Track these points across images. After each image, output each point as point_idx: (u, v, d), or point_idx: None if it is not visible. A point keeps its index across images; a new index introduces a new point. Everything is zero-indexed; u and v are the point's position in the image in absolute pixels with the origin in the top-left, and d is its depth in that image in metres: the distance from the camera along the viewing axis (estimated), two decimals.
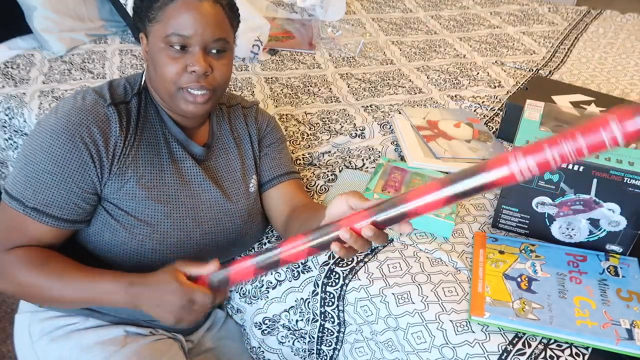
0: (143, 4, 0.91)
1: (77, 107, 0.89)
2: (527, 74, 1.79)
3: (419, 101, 1.60)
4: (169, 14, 0.88)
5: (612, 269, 1.01)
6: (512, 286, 0.96)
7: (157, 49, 0.89)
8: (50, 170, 0.86)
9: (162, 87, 0.91)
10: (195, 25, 0.87)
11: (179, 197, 0.96)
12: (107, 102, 0.91)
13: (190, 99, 0.90)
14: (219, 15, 0.90)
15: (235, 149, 1.06)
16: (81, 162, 0.87)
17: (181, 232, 0.95)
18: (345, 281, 1.01)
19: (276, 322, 1.11)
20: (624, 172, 0.97)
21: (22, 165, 0.88)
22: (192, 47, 0.89)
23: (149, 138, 0.95)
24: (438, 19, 2.21)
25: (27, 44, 1.73)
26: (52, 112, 0.90)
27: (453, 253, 1.05)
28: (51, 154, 0.86)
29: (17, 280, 0.87)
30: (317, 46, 1.90)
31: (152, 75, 0.93)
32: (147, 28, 0.91)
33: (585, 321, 0.90)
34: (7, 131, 1.52)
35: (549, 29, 2.16)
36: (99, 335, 0.98)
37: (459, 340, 0.91)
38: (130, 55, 1.76)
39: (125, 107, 0.93)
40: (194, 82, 0.89)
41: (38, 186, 0.87)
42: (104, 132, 0.88)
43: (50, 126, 0.87)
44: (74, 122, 0.87)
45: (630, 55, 1.99)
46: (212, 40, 0.89)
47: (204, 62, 0.88)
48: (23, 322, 1.02)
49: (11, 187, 0.88)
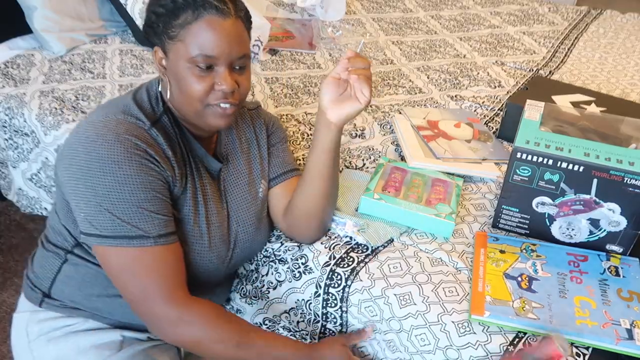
0: (160, 20, 0.88)
1: (121, 132, 0.85)
2: (527, 74, 1.79)
3: (419, 101, 1.60)
4: (192, 33, 0.86)
5: (613, 269, 1.01)
6: (513, 285, 0.96)
7: (181, 68, 0.88)
8: (145, 197, 0.85)
9: (188, 105, 0.90)
10: (222, 45, 0.87)
11: (198, 214, 0.95)
12: (147, 124, 0.89)
13: (219, 112, 0.90)
14: (241, 30, 0.90)
15: (243, 155, 1.06)
16: (158, 177, 0.87)
17: (198, 247, 0.95)
18: (347, 282, 1.01)
19: (276, 324, 1.11)
20: (624, 172, 0.97)
21: (109, 206, 0.83)
22: (218, 66, 0.88)
23: (179, 155, 0.94)
24: (438, 19, 2.21)
25: (27, 44, 1.73)
26: (92, 146, 0.84)
27: (453, 253, 1.05)
28: (134, 181, 0.84)
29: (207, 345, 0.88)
30: (317, 46, 1.90)
31: (175, 92, 0.91)
32: (165, 45, 0.89)
33: (586, 321, 0.90)
34: (7, 131, 1.52)
35: (549, 29, 2.16)
36: (96, 338, 0.98)
37: (462, 342, 0.91)
38: (130, 55, 1.76)
39: (161, 127, 0.92)
40: (221, 99, 0.89)
41: (143, 215, 0.85)
42: (157, 152, 0.88)
43: (111, 158, 0.83)
44: (128, 147, 0.84)
45: (630, 55, 1.99)
46: (237, 58, 0.89)
47: (231, 80, 0.89)
48: (21, 321, 1.02)
49: (115, 231, 0.84)
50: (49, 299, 1.01)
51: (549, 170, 1.01)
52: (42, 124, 1.44)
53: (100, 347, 0.97)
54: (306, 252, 1.06)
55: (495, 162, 1.29)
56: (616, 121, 1.12)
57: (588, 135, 1.05)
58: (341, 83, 0.94)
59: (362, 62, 0.92)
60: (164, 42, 0.89)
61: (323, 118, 0.96)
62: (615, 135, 1.06)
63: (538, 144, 1.02)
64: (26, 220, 1.95)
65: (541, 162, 1.01)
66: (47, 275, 1.00)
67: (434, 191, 1.16)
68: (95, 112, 0.93)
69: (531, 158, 1.01)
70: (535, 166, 1.02)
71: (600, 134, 1.06)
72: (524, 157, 1.02)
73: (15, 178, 1.58)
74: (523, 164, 1.03)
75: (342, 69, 0.93)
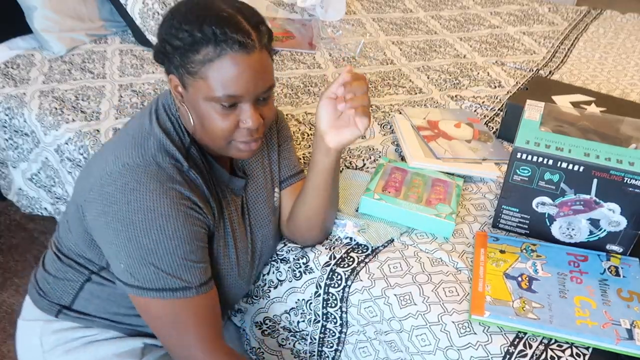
0: (176, 52, 0.81)
1: (165, 180, 0.81)
2: (527, 74, 1.79)
3: (419, 101, 1.60)
4: (214, 71, 0.79)
5: (613, 269, 1.01)
6: (513, 285, 0.96)
7: (202, 106, 0.83)
8: (190, 249, 0.83)
9: (211, 140, 0.86)
10: (247, 84, 0.81)
11: (227, 247, 0.94)
12: (185, 165, 0.85)
13: (244, 148, 0.87)
14: (266, 61, 0.84)
15: (257, 164, 1.03)
16: (202, 225, 0.86)
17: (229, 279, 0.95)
18: (347, 282, 1.01)
19: (276, 324, 1.11)
20: (624, 172, 0.97)
21: (154, 260, 0.81)
22: (242, 103, 0.83)
23: (212, 190, 0.91)
24: (438, 19, 2.21)
25: (27, 44, 1.73)
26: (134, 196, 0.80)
27: (453, 253, 1.05)
28: (181, 234, 0.81)
29: None
30: (317, 46, 1.90)
31: (197, 125, 0.86)
32: (183, 78, 0.82)
33: (586, 321, 0.90)
34: (7, 131, 1.52)
35: (549, 29, 2.16)
36: (117, 346, 0.97)
37: (463, 343, 0.91)
38: (130, 55, 1.76)
39: (192, 161, 0.88)
40: (246, 136, 0.85)
41: (187, 266, 0.83)
42: (199, 196, 0.86)
43: (158, 211, 0.80)
44: (174, 198, 0.81)
45: (630, 55, 1.99)
46: (263, 92, 0.84)
47: (256, 116, 0.84)
48: (32, 330, 0.99)
49: (158, 284, 0.82)
50: (68, 311, 0.97)
51: (549, 170, 1.01)
52: (42, 124, 1.44)
53: (121, 356, 0.95)
54: (308, 253, 1.06)
55: (496, 162, 1.29)
56: (616, 121, 1.12)
57: (588, 136, 1.06)
58: (338, 101, 0.89)
59: (359, 86, 0.87)
60: (182, 76, 0.82)
61: (321, 143, 0.93)
62: (615, 135, 1.06)
63: (538, 144, 1.02)
64: (26, 220, 1.95)
65: (541, 162, 1.01)
66: (66, 290, 0.97)
67: (434, 191, 1.16)
68: (124, 145, 0.85)
69: (531, 158, 1.01)
70: (535, 166, 1.02)
71: (600, 134, 1.06)
72: (524, 157, 1.02)
73: (15, 178, 1.58)
74: (523, 164, 1.03)
75: (338, 88, 0.89)
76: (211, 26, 0.78)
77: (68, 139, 1.40)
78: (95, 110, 1.47)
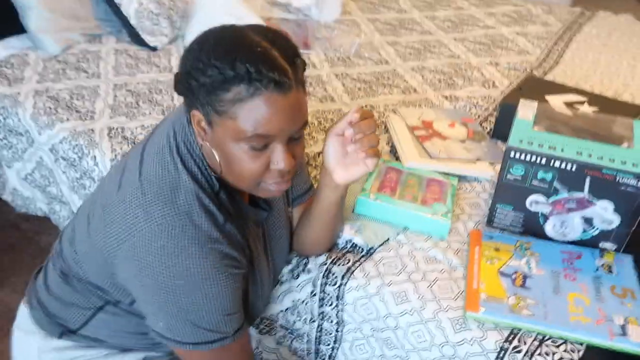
0: (202, 89, 0.73)
1: (204, 241, 0.77)
2: (521, 74, 1.80)
3: (413, 101, 1.61)
4: (246, 111, 0.72)
5: (607, 266, 1.02)
6: (507, 283, 0.97)
7: (230, 146, 0.76)
8: (231, 305, 0.82)
9: (238, 182, 0.81)
10: (280, 124, 0.74)
11: (255, 282, 0.93)
12: (221, 218, 0.80)
13: (274, 189, 0.82)
14: (302, 99, 0.77)
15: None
16: (241, 278, 0.85)
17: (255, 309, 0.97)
18: (343, 280, 1.01)
19: (274, 322, 1.12)
20: (617, 171, 0.98)
21: (195, 320, 0.80)
22: (274, 143, 0.76)
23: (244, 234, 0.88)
24: (433, 20, 2.22)
25: (21, 43, 1.73)
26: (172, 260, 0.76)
27: (448, 251, 1.06)
28: (223, 294, 0.80)
29: None
30: (312, 46, 1.90)
31: (223, 166, 0.80)
32: (210, 116, 0.75)
33: (579, 317, 0.91)
34: (1, 131, 1.51)
35: (543, 30, 2.17)
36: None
37: (458, 339, 0.92)
38: (125, 54, 1.75)
39: (226, 210, 0.82)
40: (277, 177, 0.79)
41: (226, 320, 0.82)
42: (238, 250, 0.83)
43: (200, 274, 0.77)
44: (216, 260, 0.78)
45: (623, 55, 2.00)
46: (296, 131, 0.78)
47: (289, 158, 0.78)
48: (29, 345, 0.97)
49: (197, 339, 0.81)
50: (73, 335, 0.94)
51: (542, 169, 1.02)
52: (37, 124, 1.44)
53: None
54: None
55: (490, 162, 1.30)
56: (609, 121, 1.13)
57: (581, 135, 1.06)
58: (346, 141, 0.87)
59: (368, 126, 0.84)
60: (208, 113, 0.75)
61: (329, 179, 0.90)
62: (608, 134, 1.07)
63: (531, 143, 1.03)
64: (21, 220, 1.95)
65: (534, 161, 1.02)
66: (75, 317, 0.93)
67: (430, 191, 1.16)
68: (153, 201, 0.78)
69: (524, 157, 1.02)
70: (529, 165, 1.03)
71: (593, 133, 1.07)
72: (517, 156, 1.03)
73: (10, 178, 1.57)
74: (516, 163, 1.03)
75: (346, 125, 0.85)
76: (244, 63, 0.70)
77: (62, 139, 1.40)
78: (89, 110, 1.46)
